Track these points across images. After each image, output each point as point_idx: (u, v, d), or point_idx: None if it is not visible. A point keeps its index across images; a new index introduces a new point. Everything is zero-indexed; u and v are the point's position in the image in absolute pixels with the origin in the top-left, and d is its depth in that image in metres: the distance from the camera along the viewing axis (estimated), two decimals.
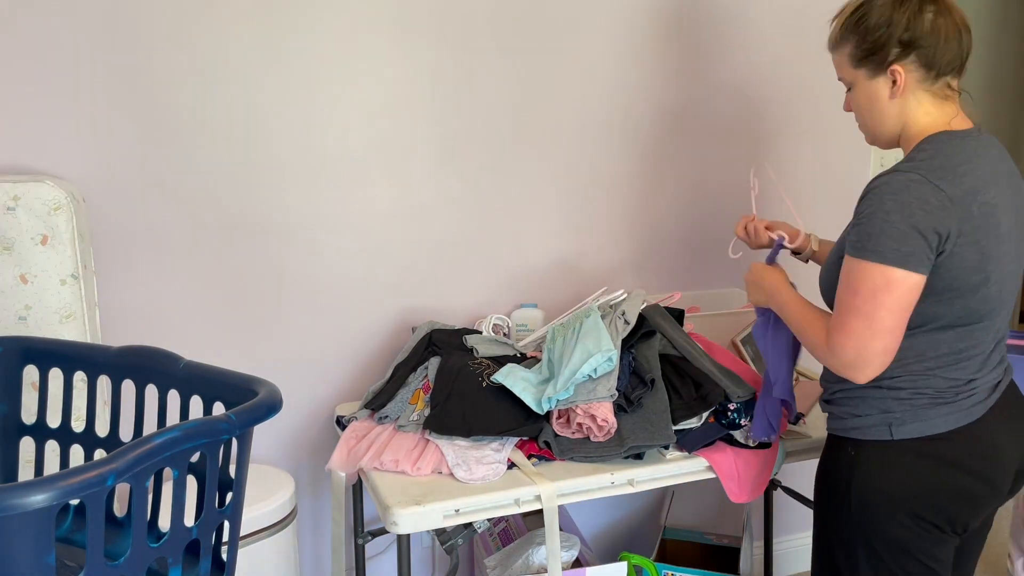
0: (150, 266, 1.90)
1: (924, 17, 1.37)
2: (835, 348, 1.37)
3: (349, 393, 2.11)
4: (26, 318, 1.64)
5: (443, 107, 2.05)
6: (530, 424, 1.73)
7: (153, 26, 1.80)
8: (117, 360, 1.29)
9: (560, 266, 2.23)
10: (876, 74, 1.41)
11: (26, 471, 1.42)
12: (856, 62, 1.43)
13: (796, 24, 2.30)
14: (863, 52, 1.41)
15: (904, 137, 1.45)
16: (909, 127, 1.43)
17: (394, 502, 1.55)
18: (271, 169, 1.95)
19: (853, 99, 1.48)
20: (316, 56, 1.93)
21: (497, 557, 1.99)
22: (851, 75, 1.46)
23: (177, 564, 1.05)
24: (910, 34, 1.37)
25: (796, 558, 2.66)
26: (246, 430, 1.09)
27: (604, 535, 2.45)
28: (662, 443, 1.66)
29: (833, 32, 1.47)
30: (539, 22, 2.08)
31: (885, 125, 1.45)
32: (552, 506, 1.60)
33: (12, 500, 0.81)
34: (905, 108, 1.42)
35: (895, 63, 1.39)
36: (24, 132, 1.77)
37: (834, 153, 2.43)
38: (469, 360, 1.85)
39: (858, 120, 1.51)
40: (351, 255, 2.05)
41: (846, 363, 1.37)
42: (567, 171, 2.18)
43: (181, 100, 1.85)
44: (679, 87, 2.23)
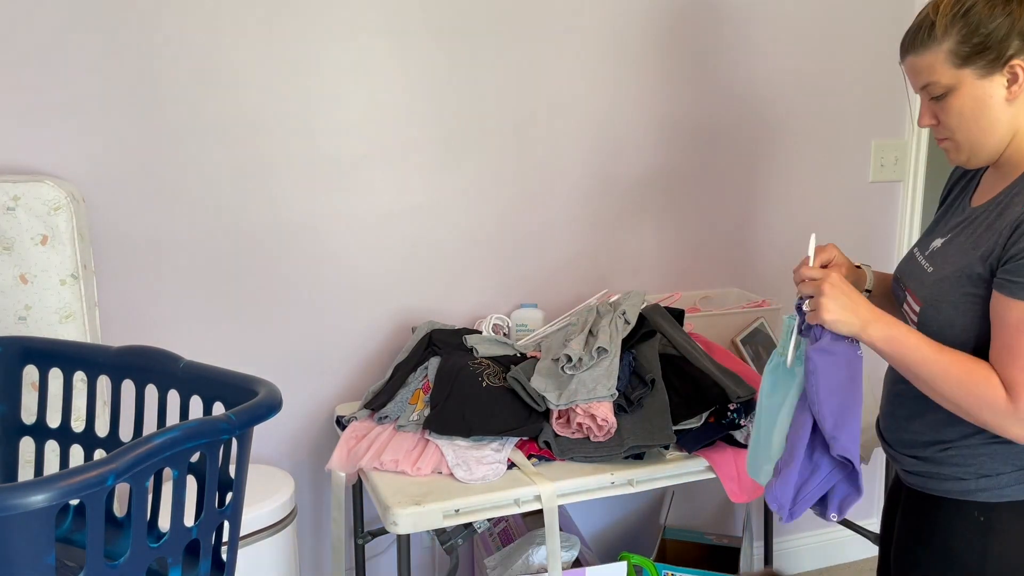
0: (150, 266, 1.90)
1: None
2: (1023, 409, 1.16)
3: (349, 393, 2.11)
4: (26, 318, 1.63)
5: (443, 108, 2.05)
6: (530, 424, 1.73)
7: (153, 27, 1.80)
8: (117, 360, 1.29)
9: (560, 266, 2.23)
10: (990, 73, 1.20)
11: (26, 471, 1.42)
12: (961, 60, 1.21)
13: (799, 24, 2.30)
14: (972, 48, 1.20)
15: (1016, 147, 1.25)
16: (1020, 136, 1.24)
17: (394, 502, 1.54)
18: (271, 169, 1.95)
19: (948, 108, 1.25)
20: (316, 56, 1.93)
21: (497, 557, 1.99)
22: (951, 77, 1.22)
23: (177, 564, 1.05)
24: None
25: (796, 558, 2.66)
26: (246, 430, 1.09)
27: (604, 535, 2.45)
28: (662, 443, 1.66)
29: (920, 27, 1.25)
30: (539, 23, 2.08)
31: (995, 134, 1.24)
32: (552, 506, 1.60)
33: (12, 500, 0.81)
34: (1018, 114, 1.23)
35: (1016, 57, 1.19)
36: (24, 132, 1.77)
37: (834, 157, 2.43)
38: (469, 360, 1.85)
39: (954, 133, 1.27)
40: (351, 255, 2.05)
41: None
42: (567, 171, 2.18)
43: (181, 100, 1.85)
44: (679, 88, 2.23)
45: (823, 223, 2.43)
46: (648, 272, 2.31)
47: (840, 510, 1.33)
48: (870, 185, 2.49)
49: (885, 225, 2.53)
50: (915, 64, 1.27)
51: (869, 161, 2.47)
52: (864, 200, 2.49)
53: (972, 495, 1.27)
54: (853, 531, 2.21)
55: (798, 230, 2.43)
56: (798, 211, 2.41)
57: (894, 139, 2.48)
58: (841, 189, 2.45)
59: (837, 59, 2.36)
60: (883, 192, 2.51)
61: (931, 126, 1.30)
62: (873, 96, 2.42)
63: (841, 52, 2.36)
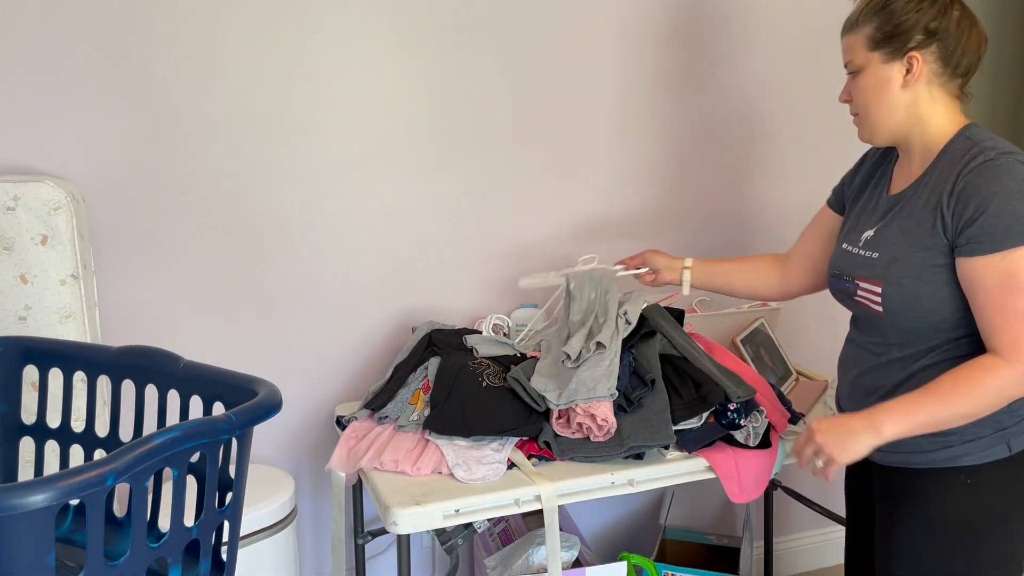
0: (150, 266, 1.90)
1: (952, 13, 1.35)
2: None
3: (349, 393, 2.11)
4: (26, 318, 1.64)
5: (443, 107, 2.05)
6: (530, 424, 1.72)
7: (154, 27, 1.80)
8: (117, 360, 1.29)
9: (560, 266, 2.22)
10: (892, 59, 1.37)
11: (26, 471, 1.42)
12: (873, 44, 1.38)
13: (798, 24, 2.30)
14: (883, 34, 1.37)
15: (923, 135, 1.39)
16: (928, 125, 1.39)
17: (394, 502, 1.54)
18: (271, 169, 1.95)
19: (857, 85, 1.43)
20: (316, 56, 1.93)
21: (497, 557, 1.99)
22: (863, 58, 1.40)
23: (177, 564, 1.05)
24: (937, 23, 1.34)
25: (796, 558, 2.66)
26: (246, 430, 1.09)
27: (604, 535, 2.45)
28: (662, 443, 1.66)
29: (854, 12, 1.43)
30: (538, 22, 2.08)
31: (891, 117, 1.40)
32: (552, 506, 1.60)
33: (12, 500, 0.81)
34: (917, 102, 1.38)
35: (915, 49, 1.35)
36: (24, 132, 1.77)
37: (834, 157, 2.43)
38: (469, 360, 1.85)
39: (858, 111, 1.45)
40: (351, 255, 2.05)
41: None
42: (567, 171, 2.18)
43: (181, 100, 1.85)
44: (680, 88, 2.23)
45: None
46: None
47: None
48: None
49: None
50: (844, 43, 1.45)
51: None
52: None
53: (957, 460, 1.35)
54: None
55: (798, 230, 2.42)
56: (797, 211, 2.40)
57: None
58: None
59: (836, 59, 2.36)
60: None
61: (846, 102, 1.47)
62: None
63: (841, 53, 2.35)
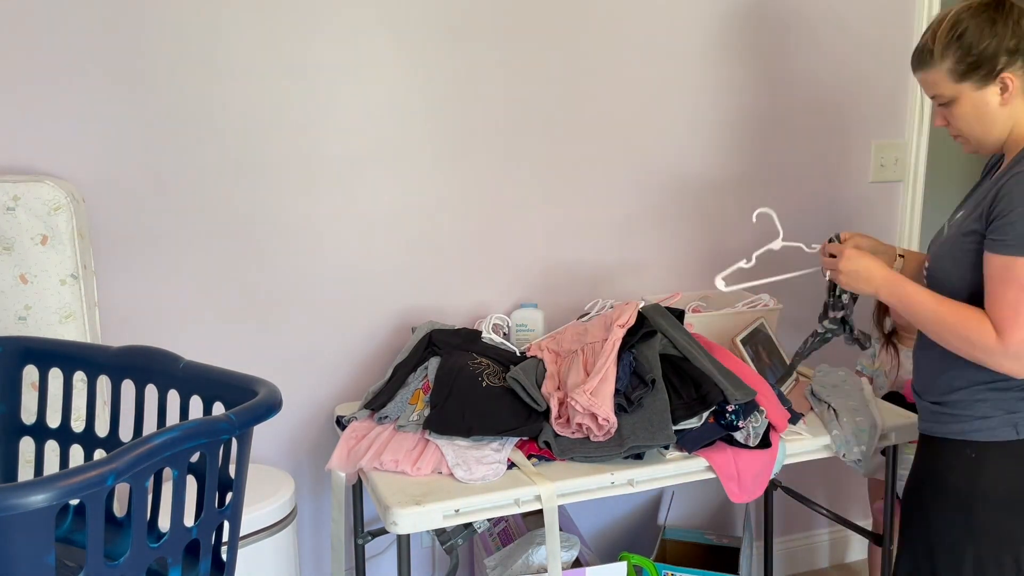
0: (150, 266, 1.90)
1: (1023, 24, 1.43)
2: (1013, 343, 1.37)
3: (349, 393, 2.11)
4: (26, 318, 1.63)
5: (443, 107, 2.05)
6: (530, 424, 1.72)
7: (154, 27, 1.80)
8: (117, 360, 1.29)
9: (560, 266, 2.23)
10: (984, 84, 1.45)
11: (26, 471, 1.42)
12: (959, 76, 1.46)
13: (800, 24, 2.30)
14: (967, 66, 1.45)
15: (1014, 138, 1.48)
16: (1020, 127, 1.48)
17: (394, 502, 1.54)
18: (271, 169, 1.95)
19: (955, 114, 1.50)
20: (316, 56, 1.93)
21: (497, 557, 1.99)
22: (952, 90, 1.48)
23: (177, 564, 1.05)
24: (1015, 42, 1.43)
25: (796, 558, 2.66)
26: (246, 430, 1.09)
27: (604, 535, 2.45)
28: (662, 443, 1.66)
29: (924, 47, 1.50)
30: (538, 22, 2.08)
31: (996, 131, 1.49)
32: (552, 506, 1.60)
33: (12, 500, 0.81)
34: (1014, 113, 1.47)
35: (1005, 71, 1.44)
36: (24, 132, 1.77)
37: (834, 157, 2.43)
38: (469, 360, 1.85)
39: (961, 132, 1.53)
40: (351, 255, 2.05)
41: (1020, 359, 1.38)
42: (567, 171, 2.18)
43: (181, 100, 1.85)
44: (680, 88, 2.23)
45: (823, 223, 2.43)
46: (649, 272, 2.31)
47: None
48: (870, 185, 2.49)
49: (885, 225, 2.53)
50: (923, 79, 1.53)
51: (869, 161, 2.47)
52: (864, 200, 2.49)
53: (968, 435, 1.49)
54: (853, 531, 2.21)
55: (798, 230, 2.42)
56: (798, 211, 2.40)
57: (894, 139, 2.48)
58: (841, 189, 2.45)
59: (837, 60, 2.36)
60: (883, 192, 2.51)
61: (943, 126, 1.56)
62: (873, 96, 2.42)
63: (841, 52, 2.36)
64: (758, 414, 1.73)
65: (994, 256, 1.40)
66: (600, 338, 1.83)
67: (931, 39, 1.49)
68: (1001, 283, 1.39)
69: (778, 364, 2.07)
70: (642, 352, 1.80)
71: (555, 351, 1.92)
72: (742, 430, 1.71)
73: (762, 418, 1.73)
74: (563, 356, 1.89)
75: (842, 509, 2.62)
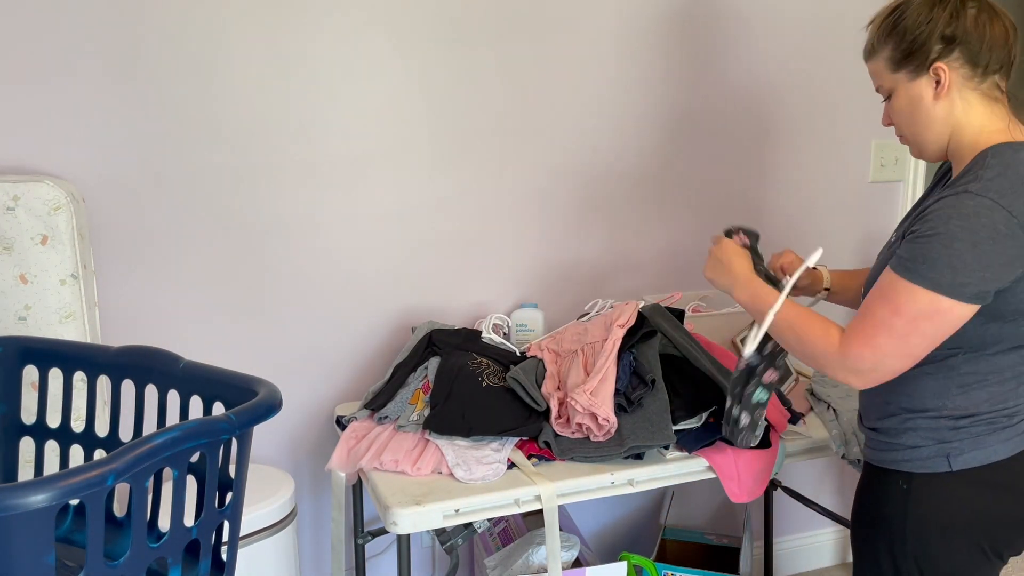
0: (150, 266, 1.90)
1: (967, 13, 1.30)
2: (850, 356, 1.30)
3: (349, 393, 2.11)
4: (26, 318, 1.63)
5: (442, 107, 2.05)
6: (530, 424, 1.73)
7: (154, 26, 1.80)
8: (117, 360, 1.29)
9: (560, 266, 2.23)
10: (918, 75, 1.33)
11: (26, 471, 1.42)
12: (895, 65, 1.35)
13: (799, 23, 2.30)
14: (902, 53, 1.34)
15: (957, 145, 1.35)
16: (962, 133, 1.34)
17: (394, 502, 1.54)
18: (271, 169, 1.95)
19: (893, 107, 1.39)
20: (316, 56, 1.93)
21: (497, 557, 1.99)
22: (891, 81, 1.37)
23: (177, 564, 1.05)
24: (952, 29, 1.30)
25: (796, 558, 2.66)
26: (246, 430, 1.09)
27: (604, 535, 2.45)
28: (662, 443, 1.66)
29: (869, 38, 1.40)
30: (538, 22, 2.08)
31: (932, 131, 1.36)
32: (552, 506, 1.60)
33: (12, 500, 0.81)
34: (952, 111, 1.34)
35: (938, 60, 1.31)
36: (24, 132, 1.77)
37: (834, 157, 2.43)
38: (469, 360, 1.85)
39: (901, 131, 1.42)
40: (351, 255, 2.05)
41: (855, 371, 1.31)
42: (567, 170, 2.18)
43: (181, 100, 1.85)
44: (679, 87, 2.23)
45: (823, 223, 2.43)
46: (648, 272, 2.31)
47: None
48: (870, 185, 2.49)
49: (885, 225, 2.53)
50: (870, 71, 1.43)
51: (869, 161, 2.47)
52: (864, 200, 2.49)
53: (898, 465, 1.40)
54: None
55: (798, 230, 2.43)
56: (798, 211, 2.41)
57: (894, 139, 2.47)
58: (841, 189, 2.45)
59: (837, 59, 2.36)
60: (883, 192, 2.51)
61: (888, 125, 1.45)
62: (873, 96, 2.42)
63: (841, 52, 2.35)
64: None
65: (888, 270, 1.29)
66: (600, 338, 1.83)
67: (875, 28, 1.39)
68: (880, 297, 1.29)
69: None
70: (642, 352, 1.80)
71: (555, 351, 1.92)
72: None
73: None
74: (563, 356, 1.89)
75: (842, 509, 2.62)
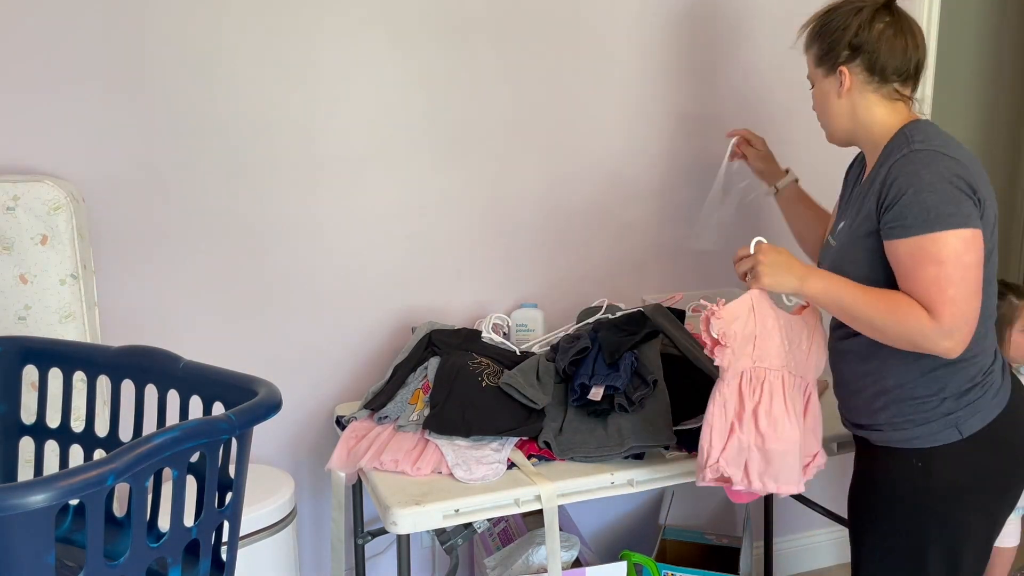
0: (150, 266, 1.90)
1: (874, 27, 1.49)
2: (943, 319, 1.34)
3: (349, 393, 2.11)
4: (26, 318, 1.63)
5: (442, 107, 2.05)
6: (530, 424, 1.72)
7: (153, 27, 1.80)
8: (117, 360, 1.29)
9: (560, 266, 2.22)
10: (829, 73, 1.55)
11: (26, 471, 1.42)
12: (817, 61, 1.57)
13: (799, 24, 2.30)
14: (822, 52, 1.55)
15: (868, 135, 1.54)
16: (872, 126, 1.53)
17: (394, 502, 1.54)
18: (271, 169, 1.95)
19: (813, 96, 1.62)
20: (316, 57, 1.93)
21: (497, 557, 1.99)
22: (813, 74, 1.59)
23: (177, 564, 1.05)
24: (858, 39, 1.49)
25: (796, 558, 2.66)
26: (246, 430, 1.09)
27: (604, 535, 2.45)
28: (663, 443, 1.66)
29: (806, 34, 1.60)
30: (538, 22, 2.07)
31: (837, 121, 1.57)
32: (552, 506, 1.60)
33: (12, 500, 0.81)
34: (855, 108, 1.54)
35: (843, 64, 1.52)
36: (24, 132, 1.77)
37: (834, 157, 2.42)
38: (469, 360, 1.85)
39: (818, 117, 1.63)
40: (351, 255, 2.05)
41: (953, 333, 1.35)
42: (567, 170, 2.18)
43: (181, 100, 1.85)
44: (680, 88, 2.23)
45: None
46: (649, 272, 2.31)
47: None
48: None
49: None
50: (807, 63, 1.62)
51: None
52: None
53: (910, 443, 1.48)
54: None
55: None
56: None
57: None
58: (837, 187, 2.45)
59: None
60: None
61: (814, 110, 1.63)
62: None
63: None
64: None
65: (899, 242, 1.38)
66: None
67: (808, 24, 1.59)
68: (915, 265, 1.37)
69: None
70: (644, 353, 1.80)
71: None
72: None
73: None
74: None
75: (842, 509, 2.61)
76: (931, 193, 1.35)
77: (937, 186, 1.36)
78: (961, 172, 1.38)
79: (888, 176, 1.41)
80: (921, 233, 1.36)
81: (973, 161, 1.43)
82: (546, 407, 1.75)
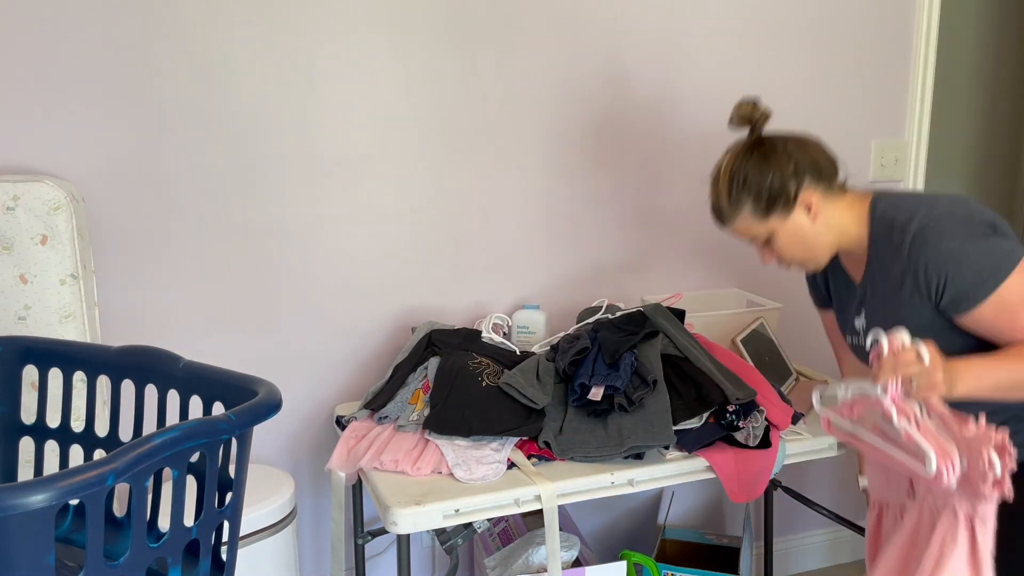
0: (150, 266, 1.90)
1: (788, 148, 1.52)
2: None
3: (349, 393, 2.11)
4: (26, 318, 1.63)
5: (442, 107, 2.05)
6: (530, 424, 1.72)
7: (153, 27, 1.80)
8: (117, 360, 1.29)
9: (561, 266, 2.22)
10: (789, 210, 1.53)
11: (26, 471, 1.42)
12: (763, 214, 1.54)
13: (798, 24, 2.30)
14: (766, 202, 1.52)
15: (847, 238, 1.55)
16: (848, 228, 1.54)
17: (394, 502, 1.54)
18: (271, 169, 1.95)
19: (780, 245, 1.57)
20: (316, 56, 1.93)
21: (497, 557, 1.99)
22: (764, 228, 1.55)
23: (177, 564, 1.05)
24: (792, 165, 1.51)
25: (796, 558, 2.66)
26: (246, 430, 1.09)
27: (604, 535, 2.45)
28: (662, 443, 1.66)
29: (720, 209, 1.58)
30: (538, 23, 2.07)
31: (821, 245, 1.56)
32: (552, 506, 1.60)
33: (12, 500, 0.81)
34: (829, 219, 1.54)
35: (800, 193, 1.51)
36: (24, 132, 1.77)
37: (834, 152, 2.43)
38: (469, 360, 1.85)
39: (793, 259, 1.59)
40: (351, 255, 2.05)
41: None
42: (568, 170, 2.18)
43: (181, 100, 1.85)
44: (680, 87, 2.23)
45: None
46: (650, 272, 2.31)
47: None
48: (870, 185, 2.48)
49: None
50: (733, 231, 1.59)
51: (869, 161, 2.47)
52: None
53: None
54: (853, 531, 2.21)
55: None
56: None
57: (894, 139, 2.48)
58: None
59: (837, 59, 2.36)
60: None
61: (772, 261, 1.61)
62: (873, 96, 2.42)
63: (841, 52, 2.35)
64: (758, 414, 1.73)
65: (977, 312, 1.39)
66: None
67: (720, 196, 1.57)
68: (1010, 317, 1.37)
69: (778, 364, 2.07)
70: (644, 353, 1.80)
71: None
72: (742, 430, 1.71)
73: (762, 418, 1.73)
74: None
75: (842, 509, 2.62)
76: (967, 256, 1.38)
77: (966, 247, 1.38)
78: (961, 216, 1.40)
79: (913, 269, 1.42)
80: (991, 293, 1.37)
81: (952, 198, 1.45)
82: (546, 407, 1.75)
